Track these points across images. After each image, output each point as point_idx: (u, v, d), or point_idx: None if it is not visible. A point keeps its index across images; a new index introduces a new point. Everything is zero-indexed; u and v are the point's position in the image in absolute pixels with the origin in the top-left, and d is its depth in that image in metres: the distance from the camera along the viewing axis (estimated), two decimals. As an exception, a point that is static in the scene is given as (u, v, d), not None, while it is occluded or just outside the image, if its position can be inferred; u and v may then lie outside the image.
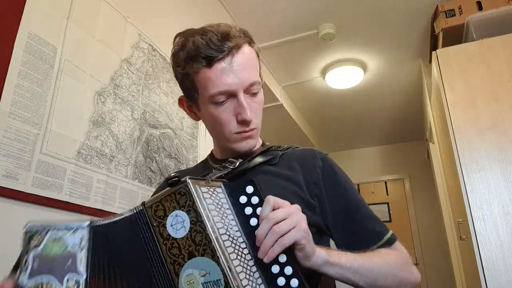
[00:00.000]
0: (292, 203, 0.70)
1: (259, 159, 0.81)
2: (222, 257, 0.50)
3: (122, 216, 0.59)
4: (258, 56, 0.80)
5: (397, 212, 4.80)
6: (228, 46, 0.72)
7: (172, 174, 0.56)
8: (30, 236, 0.57)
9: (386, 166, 5.02)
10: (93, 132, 1.29)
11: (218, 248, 0.50)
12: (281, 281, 0.54)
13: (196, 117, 0.85)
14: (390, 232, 0.78)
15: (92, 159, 1.26)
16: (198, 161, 1.89)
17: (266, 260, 0.53)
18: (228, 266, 0.50)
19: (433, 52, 2.12)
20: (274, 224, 0.54)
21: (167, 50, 1.79)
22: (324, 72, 3.31)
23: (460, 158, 1.82)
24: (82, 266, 0.56)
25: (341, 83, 3.38)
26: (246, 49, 0.75)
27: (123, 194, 1.38)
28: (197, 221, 0.52)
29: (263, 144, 0.88)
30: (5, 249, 0.96)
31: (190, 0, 2.10)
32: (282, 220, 0.55)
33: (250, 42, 0.78)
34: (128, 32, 1.54)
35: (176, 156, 1.73)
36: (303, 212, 0.70)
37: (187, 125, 1.87)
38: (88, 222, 0.59)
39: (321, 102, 3.89)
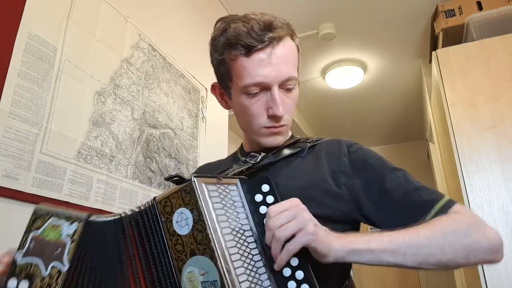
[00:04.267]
0: (316, 197, 0.69)
1: (285, 152, 0.78)
2: (220, 257, 0.50)
3: (115, 217, 0.60)
4: (298, 51, 0.77)
5: (397, 212, 4.79)
6: (269, 37, 0.69)
7: (173, 174, 0.56)
8: (36, 217, 0.60)
9: (386, 166, 5.01)
10: (93, 132, 1.29)
11: (218, 249, 0.50)
12: (291, 285, 0.54)
13: (226, 106, 0.83)
14: (445, 198, 0.66)
15: (92, 159, 1.26)
16: (198, 161, 1.89)
17: (276, 267, 0.53)
18: (227, 268, 0.49)
19: (433, 52, 2.11)
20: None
21: (167, 50, 1.79)
22: (324, 72, 3.31)
23: (460, 158, 1.82)
24: (67, 257, 0.58)
25: (341, 83, 3.38)
26: (287, 42, 0.72)
27: (123, 194, 1.38)
28: (199, 220, 0.52)
29: (292, 137, 0.85)
30: (5, 249, 0.96)
31: (190, 0, 2.11)
32: (286, 223, 0.53)
33: (292, 35, 0.75)
34: (128, 32, 1.54)
35: (176, 156, 1.73)
36: (332, 204, 0.69)
37: (187, 125, 1.87)
38: (85, 216, 0.61)
39: (321, 102, 3.89)
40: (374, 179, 0.71)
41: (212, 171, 0.86)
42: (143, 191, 1.48)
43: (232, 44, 0.70)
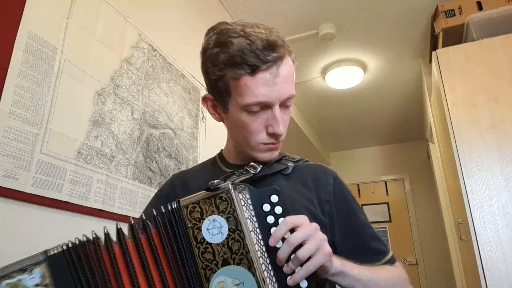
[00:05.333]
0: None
1: (275, 167, 0.80)
2: (258, 269, 0.50)
3: (66, 245, 0.55)
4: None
5: (397, 212, 4.80)
6: (274, 57, 0.69)
7: (216, 181, 0.54)
8: None
9: (386, 166, 5.02)
10: (93, 132, 1.29)
11: (255, 260, 0.50)
12: None
13: (218, 118, 0.82)
14: (391, 253, 0.81)
15: (92, 159, 1.26)
16: (198, 161, 1.89)
17: (291, 283, 0.54)
18: (263, 279, 0.49)
19: (433, 52, 2.12)
20: (295, 247, 0.54)
21: (167, 50, 1.79)
22: (324, 72, 3.31)
23: (460, 158, 1.82)
24: None
25: (341, 83, 3.38)
26: (288, 60, 0.73)
27: (123, 194, 1.38)
28: (236, 229, 0.51)
29: None
30: (5, 249, 0.96)
31: (190, 0, 2.11)
32: (303, 241, 0.55)
33: (290, 53, 0.75)
34: (128, 32, 1.54)
35: (176, 156, 1.73)
36: None
37: (187, 125, 1.87)
38: (41, 256, 0.54)
39: (321, 102, 3.89)
40: (348, 215, 0.80)
41: (191, 179, 0.86)
42: (143, 191, 1.48)
43: (236, 63, 0.69)
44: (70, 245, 0.55)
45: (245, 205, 0.55)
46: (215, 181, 0.55)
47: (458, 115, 1.88)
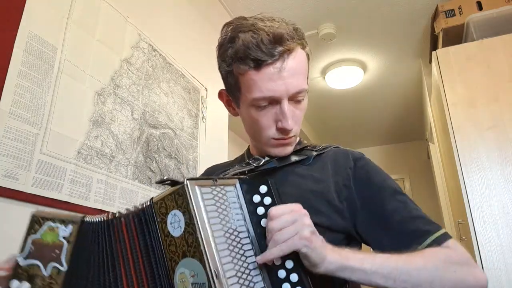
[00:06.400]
0: (317, 206, 0.69)
1: (290, 159, 0.78)
2: (209, 260, 0.50)
3: (108, 217, 0.63)
4: (308, 59, 0.75)
5: (397, 212, 4.79)
6: (280, 50, 0.67)
7: (165, 178, 0.58)
8: (34, 221, 0.63)
9: (386, 166, 5.00)
10: (93, 132, 1.29)
11: (207, 252, 0.51)
12: (285, 287, 0.54)
13: (234, 112, 0.82)
14: (442, 231, 0.66)
15: (92, 159, 1.26)
16: (198, 161, 1.89)
17: (259, 260, 0.54)
18: (215, 271, 0.50)
19: (433, 52, 2.12)
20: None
21: (167, 50, 1.79)
22: (324, 72, 3.31)
23: (460, 158, 1.82)
24: (65, 258, 0.62)
25: (341, 83, 3.38)
26: (298, 53, 0.70)
27: (123, 194, 1.38)
28: (190, 223, 0.53)
29: (299, 142, 0.83)
30: (5, 249, 0.96)
31: (190, 0, 2.11)
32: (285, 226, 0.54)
33: (303, 44, 0.73)
34: (128, 32, 1.54)
35: (176, 156, 1.73)
36: (332, 216, 0.69)
37: (187, 125, 1.87)
38: (80, 218, 0.64)
39: (321, 102, 3.89)
40: (374, 200, 0.71)
41: (217, 173, 0.86)
42: (143, 191, 1.48)
43: (241, 58, 0.69)
44: (102, 218, 0.63)
45: (217, 197, 0.57)
46: (186, 177, 0.58)
47: (458, 115, 1.88)
